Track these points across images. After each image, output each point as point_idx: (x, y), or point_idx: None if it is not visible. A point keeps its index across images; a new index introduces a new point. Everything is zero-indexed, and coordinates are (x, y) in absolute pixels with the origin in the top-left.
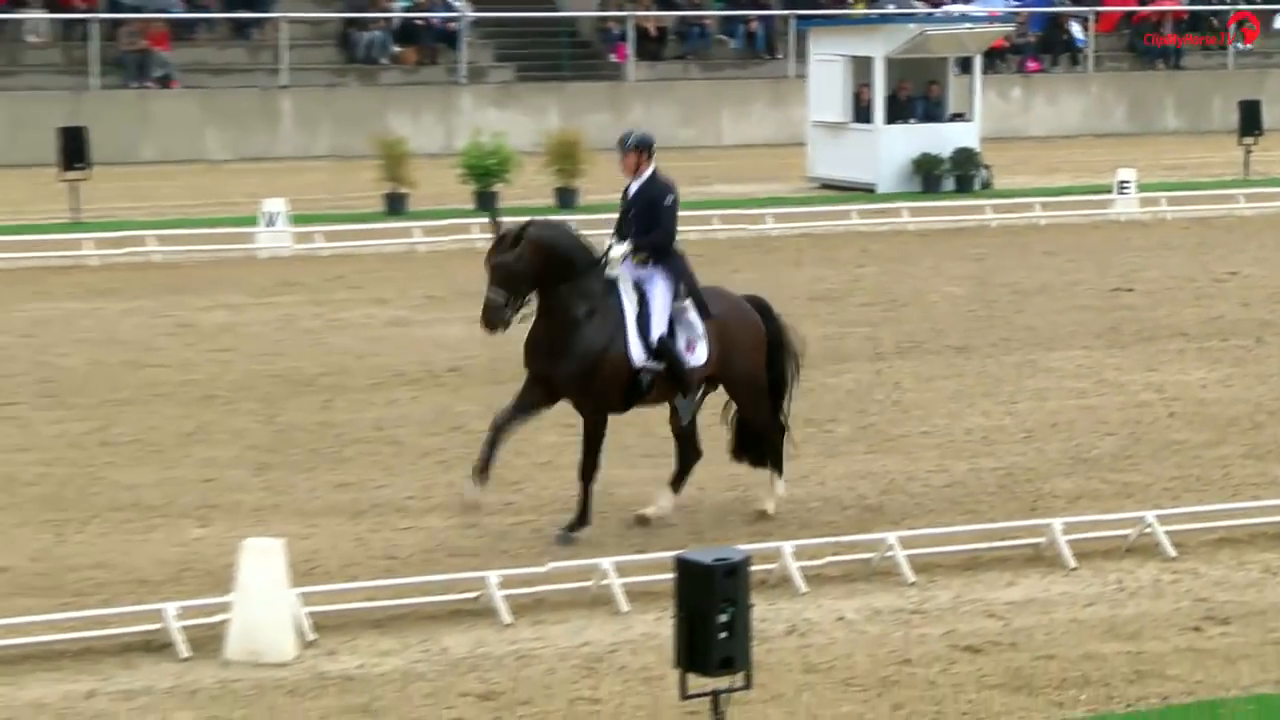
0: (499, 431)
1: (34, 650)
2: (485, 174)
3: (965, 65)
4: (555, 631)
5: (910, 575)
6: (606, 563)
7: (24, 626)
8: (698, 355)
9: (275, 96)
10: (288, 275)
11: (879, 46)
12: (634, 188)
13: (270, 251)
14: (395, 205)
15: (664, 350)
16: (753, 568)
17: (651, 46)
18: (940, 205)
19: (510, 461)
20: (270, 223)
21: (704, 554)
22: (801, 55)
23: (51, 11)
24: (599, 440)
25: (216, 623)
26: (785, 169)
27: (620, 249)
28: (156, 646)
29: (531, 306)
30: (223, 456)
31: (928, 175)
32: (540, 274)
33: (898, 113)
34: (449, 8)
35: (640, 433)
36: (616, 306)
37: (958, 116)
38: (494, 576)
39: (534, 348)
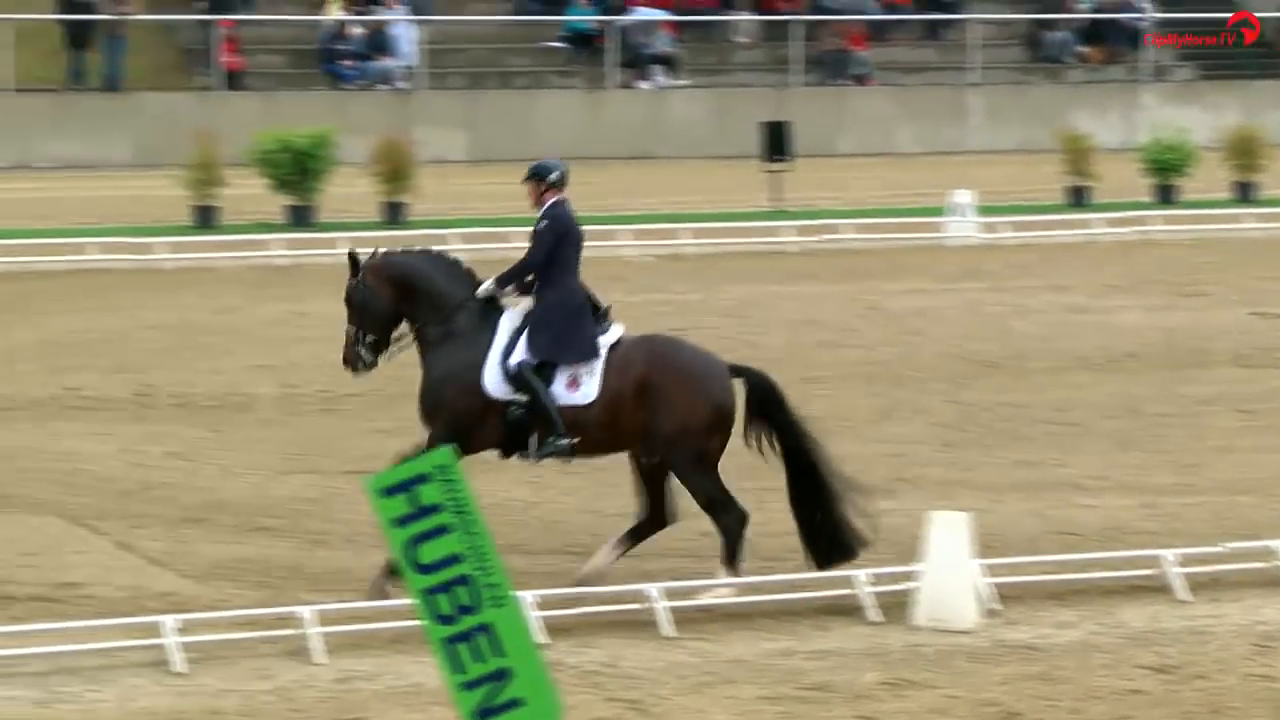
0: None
1: (737, 610)
2: (1165, 168)
3: None
4: (1230, 609)
5: None
6: None
7: (742, 587)
8: (581, 393)
9: (964, 93)
10: (973, 263)
11: None
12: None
13: (958, 240)
14: (1078, 197)
15: (521, 380)
16: None
17: None
18: None
19: (1187, 445)
20: (958, 213)
21: None
22: None
23: (759, 14)
24: None
25: (903, 590)
26: None
27: (486, 285)
28: (848, 610)
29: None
30: (910, 433)
31: None
32: (394, 305)
33: None
34: (1134, 9)
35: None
36: (483, 337)
37: None
38: (1171, 555)
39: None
